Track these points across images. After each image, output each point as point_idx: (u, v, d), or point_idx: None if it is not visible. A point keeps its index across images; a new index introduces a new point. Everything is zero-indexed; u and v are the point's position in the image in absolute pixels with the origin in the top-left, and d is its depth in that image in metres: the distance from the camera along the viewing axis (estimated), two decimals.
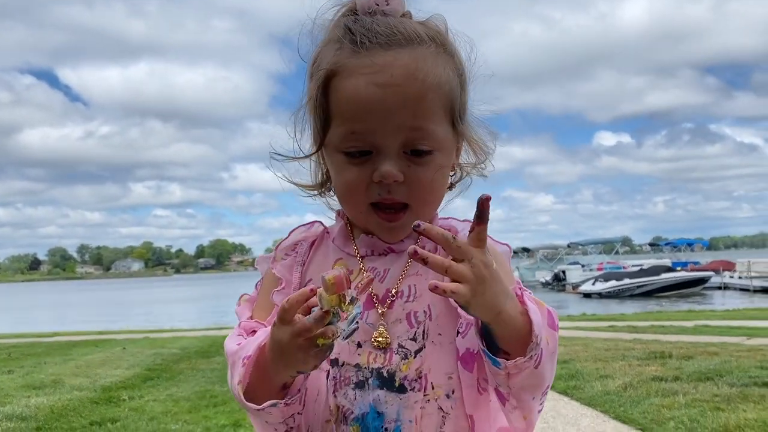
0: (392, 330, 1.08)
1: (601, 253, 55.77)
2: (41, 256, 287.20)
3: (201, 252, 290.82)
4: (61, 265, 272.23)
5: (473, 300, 0.90)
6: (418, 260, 0.90)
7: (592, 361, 8.17)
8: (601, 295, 37.13)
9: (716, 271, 41.83)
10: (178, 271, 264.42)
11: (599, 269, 45.08)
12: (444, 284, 0.89)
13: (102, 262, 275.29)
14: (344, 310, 0.92)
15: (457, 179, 1.20)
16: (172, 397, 7.02)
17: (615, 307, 29.01)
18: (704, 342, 9.89)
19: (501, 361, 0.98)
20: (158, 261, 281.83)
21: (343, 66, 1.04)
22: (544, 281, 48.23)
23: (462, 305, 0.92)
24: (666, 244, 64.43)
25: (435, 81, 1.04)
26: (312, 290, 0.93)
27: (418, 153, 1.05)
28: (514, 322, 0.96)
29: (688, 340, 10.23)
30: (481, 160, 1.19)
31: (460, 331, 1.06)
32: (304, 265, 1.18)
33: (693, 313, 20.18)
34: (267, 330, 1.01)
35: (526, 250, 61.86)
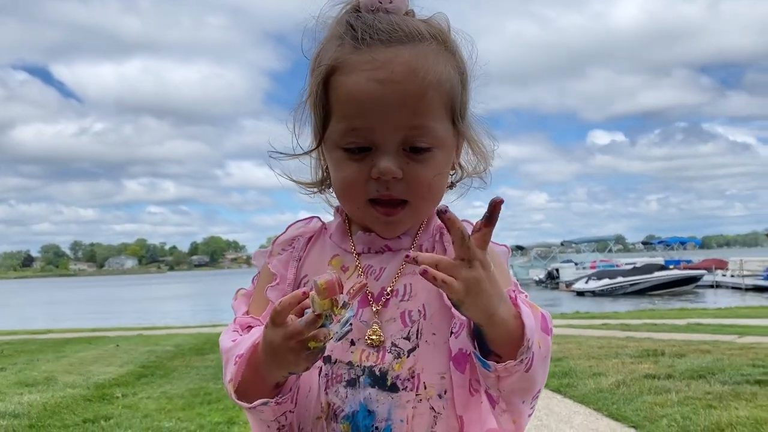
0: (386, 328, 1.07)
1: (594, 251, 55.95)
2: (34, 253, 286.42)
3: (195, 249, 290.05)
4: (54, 262, 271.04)
5: (466, 299, 0.90)
6: (410, 261, 0.90)
7: (586, 359, 8.19)
8: (594, 294, 37.21)
9: (709, 270, 41.98)
10: (171, 269, 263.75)
11: (592, 267, 45.23)
12: (435, 271, 0.88)
13: (95, 259, 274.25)
14: (336, 314, 0.92)
15: (457, 178, 1.20)
16: (165, 394, 7.00)
17: (608, 305, 29.07)
18: (697, 340, 9.92)
19: (491, 363, 0.97)
20: (152, 258, 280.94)
21: (343, 62, 1.03)
22: (537, 279, 48.33)
23: (455, 303, 0.92)
24: (659, 243, 64.66)
25: (435, 78, 1.03)
26: (304, 293, 0.92)
27: (418, 150, 1.04)
28: (506, 325, 0.96)
29: (681, 338, 10.27)
30: (480, 161, 1.18)
31: (454, 331, 1.06)
32: (300, 260, 1.17)
33: (686, 311, 20.27)
34: (261, 329, 1.01)
35: (520, 248, 61.99)
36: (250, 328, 1.12)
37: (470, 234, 0.91)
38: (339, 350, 1.07)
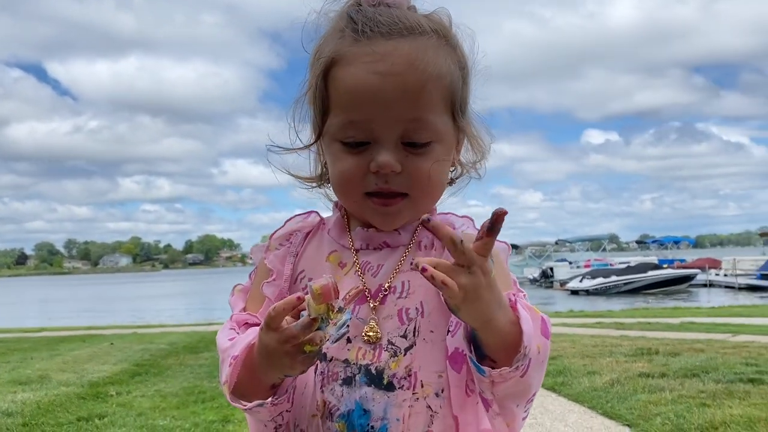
0: (383, 326, 1.06)
1: (588, 250, 56.08)
2: (28, 251, 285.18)
3: (189, 247, 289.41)
4: (48, 260, 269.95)
5: (463, 305, 0.89)
6: (430, 279, 0.87)
7: (580, 357, 8.20)
8: (588, 292, 37.30)
9: (702, 269, 42.17)
10: (166, 267, 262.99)
11: (587, 266, 45.33)
12: (434, 270, 0.86)
13: (90, 257, 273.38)
14: (332, 318, 0.91)
15: (457, 175, 1.18)
16: (160, 392, 6.98)
17: (602, 304, 29.11)
18: (690, 339, 9.96)
19: (486, 369, 0.96)
20: (146, 256, 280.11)
21: (343, 54, 1.03)
22: (532, 278, 48.43)
23: (451, 308, 0.91)
24: (653, 242, 64.78)
25: (435, 72, 1.02)
26: (299, 298, 0.91)
27: (417, 144, 1.03)
28: (502, 332, 0.94)
29: (675, 337, 10.30)
30: (478, 158, 1.17)
31: (450, 329, 1.05)
32: (297, 256, 1.16)
33: (679, 310, 20.35)
34: (256, 329, 1.00)
35: (514, 247, 62.00)
36: (247, 324, 1.12)
37: (473, 241, 0.89)
38: (335, 348, 1.06)
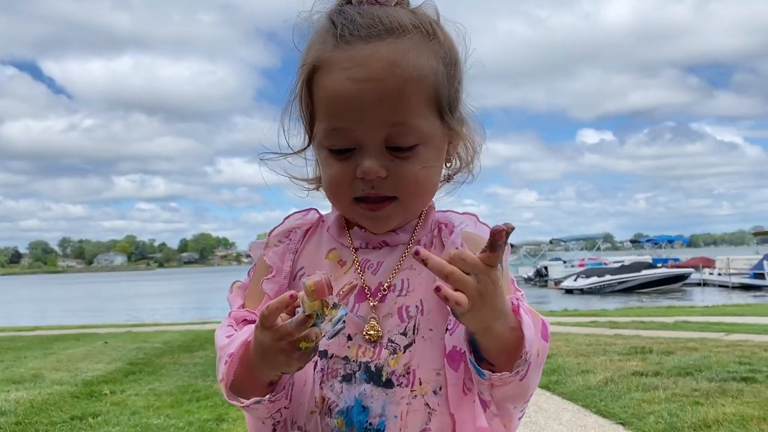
0: (383, 324, 1.06)
1: (582, 249, 56.16)
2: (22, 250, 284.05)
3: (184, 246, 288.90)
4: (42, 259, 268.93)
5: (469, 312, 0.89)
6: (419, 260, 0.88)
7: (574, 356, 8.23)
8: (582, 291, 37.40)
9: (696, 268, 42.28)
10: (161, 265, 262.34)
11: (581, 265, 45.39)
12: (449, 291, 0.85)
13: (84, 256, 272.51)
14: (327, 314, 0.91)
15: (454, 171, 1.17)
16: (154, 391, 6.97)
17: (596, 302, 29.18)
18: (684, 338, 10.00)
19: (486, 372, 0.97)
20: (141, 255, 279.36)
21: (324, 61, 1.02)
22: (526, 277, 48.51)
23: (455, 313, 0.91)
24: (647, 241, 64.91)
25: (416, 74, 1.00)
26: (292, 296, 0.91)
27: (401, 148, 1.02)
28: (502, 337, 0.95)
29: (669, 336, 10.34)
30: (470, 156, 1.16)
31: (449, 328, 1.05)
32: (296, 252, 1.16)
33: (673, 309, 20.42)
34: (253, 327, 1.00)
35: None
36: (245, 321, 1.12)
37: (479, 252, 0.88)
38: (335, 345, 1.06)
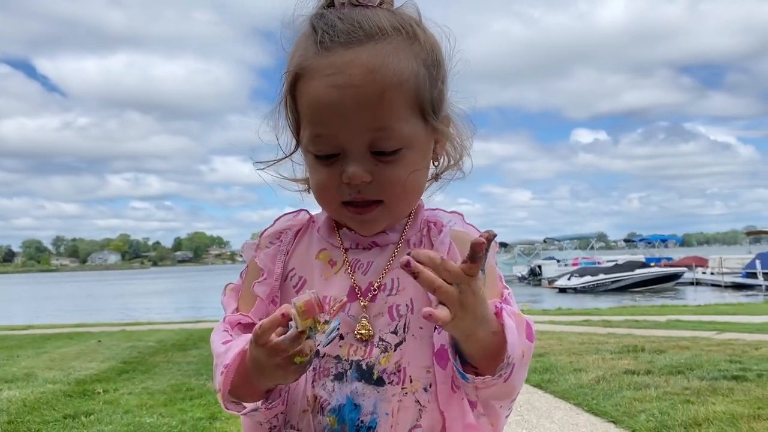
0: (374, 323, 1.07)
1: (576, 248, 56.25)
2: (15, 248, 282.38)
3: (178, 245, 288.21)
4: (35, 258, 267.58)
5: (451, 323, 0.90)
6: (409, 272, 0.88)
7: (567, 354, 8.26)
8: (576, 290, 37.48)
9: (689, 267, 42.36)
10: (155, 264, 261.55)
11: (575, 264, 45.47)
12: (437, 313, 0.87)
13: (78, 255, 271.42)
14: (320, 329, 0.92)
15: (442, 169, 1.17)
16: (147, 390, 6.96)
17: (590, 301, 29.28)
18: (676, 336, 10.03)
19: (470, 376, 0.98)
20: (135, 253, 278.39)
21: (305, 68, 1.02)
22: (520, 276, 48.60)
23: (439, 326, 0.93)
24: (640, 240, 65.00)
25: (396, 78, 1.00)
26: (283, 315, 0.91)
27: (385, 152, 1.02)
28: (484, 343, 0.96)
29: (661, 335, 10.38)
30: (457, 157, 1.16)
31: (437, 326, 1.06)
32: (287, 254, 1.16)
33: (666, 308, 20.49)
34: (248, 336, 1.00)
35: (503, 245, 62.19)
36: (240, 325, 1.13)
37: (461, 262, 0.90)
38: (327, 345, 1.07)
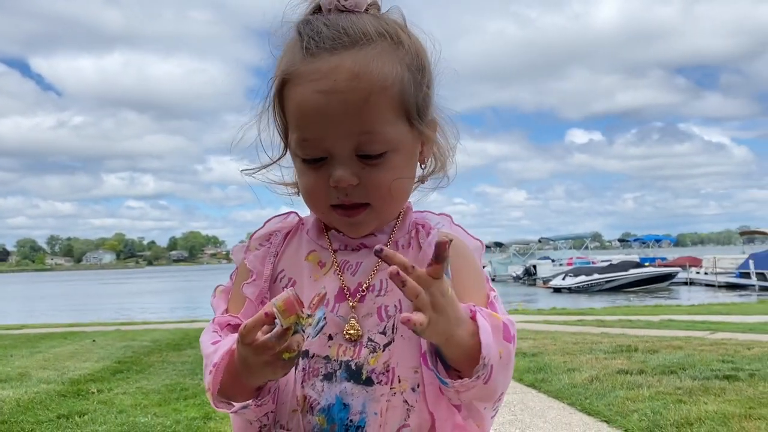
0: (363, 323, 1.08)
1: (571, 248, 56.39)
2: (10, 248, 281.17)
3: (174, 244, 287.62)
4: (30, 257, 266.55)
5: (428, 328, 0.92)
6: (397, 282, 0.90)
7: (560, 354, 8.28)
8: (570, 290, 37.58)
9: (683, 267, 42.52)
10: (150, 264, 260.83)
11: (569, 264, 45.55)
12: (414, 317, 0.90)
13: (73, 254, 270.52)
14: (304, 323, 0.94)
15: (429, 172, 1.19)
16: (141, 389, 6.95)
17: (584, 301, 29.37)
18: (670, 336, 10.07)
19: (449, 381, 1.00)
20: (130, 253, 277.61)
21: (291, 73, 1.04)
22: (515, 275, 48.66)
23: (418, 333, 0.93)
24: (635, 240, 65.21)
25: (380, 83, 1.02)
26: (267, 314, 0.92)
27: (371, 156, 1.04)
28: (463, 345, 0.98)
29: (654, 335, 10.41)
30: (441, 161, 1.18)
31: (415, 332, 1.06)
32: (276, 255, 1.18)
33: (660, 308, 20.57)
34: (235, 336, 1.01)
35: (498, 245, 62.35)
36: (229, 326, 1.13)
37: (426, 266, 0.93)
38: (317, 345, 1.08)
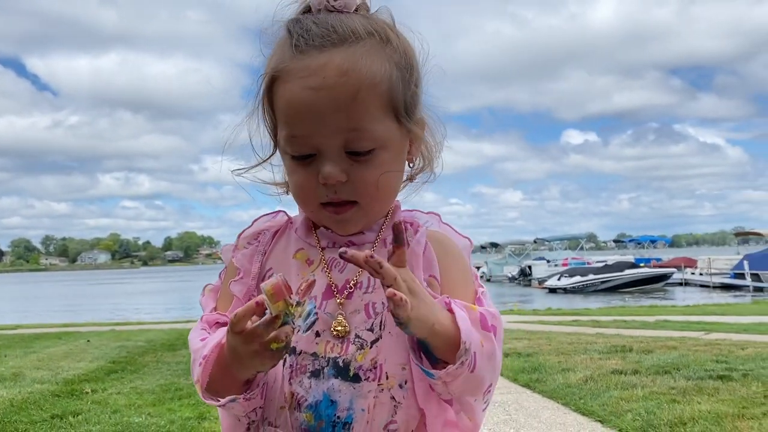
0: (350, 320, 1.09)
1: (566, 249, 56.41)
2: (4, 248, 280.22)
3: (169, 244, 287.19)
4: (24, 257, 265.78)
5: (413, 313, 0.93)
6: (374, 265, 0.93)
7: (555, 354, 8.30)
8: (566, 290, 37.64)
9: (678, 268, 42.65)
10: (145, 264, 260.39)
11: (564, 265, 45.59)
12: (399, 292, 0.91)
13: (67, 254, 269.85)
14: (293, 312, 0.94)
15: (416, 171, 1.19)
16: (136, 390, 6.94)
17: (580, 302, 29.42)
18: (664, 336, 10.10)
19: (434, 372, 1.00)
20: (125, 253, 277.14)
21: (281, 71, 1.05)
22: (510, 276, 48.71)
23: (403, 321, 0.94)
24: (630, 241, 65.35)
25: (369, 80, 1.03)
26: (258, 303, 0.93)
27: (360, 152, 1.05)
28: (446, 334, 0.99)
29: (649, 335, 10.45)
30: (428, 160, 1.19)
31: (400, 321, 1.07)
32: (264, 254, 1.18)
33: (655, 308, 20.63)
34: (224, 330, 1.02)
35: (494, 245, 62.49)
36: (218, 324, 1.14)
37: (389, 257, 0.97)
38: (304, 342, 1.08)
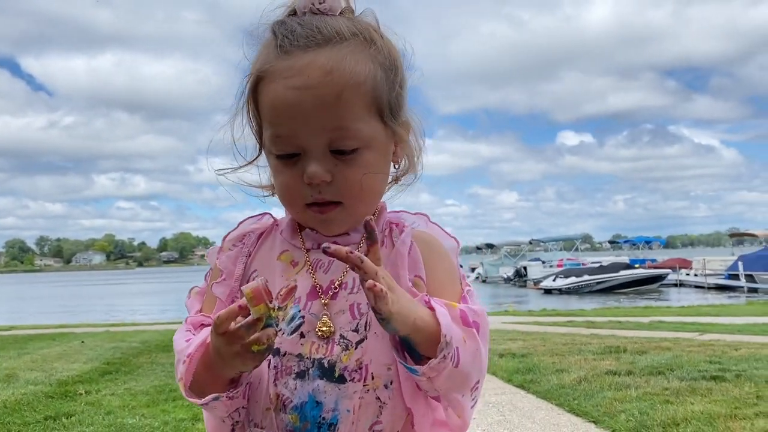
0: (335, 321, 1.09)
1: (561, 249, 56.45)
2: None
3: (164, 245, 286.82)
4: (19, 258, 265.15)
5: (393, 307, 0.94)
6: (354, 260, 0.93)
7: (549, 355, 8.30)
8: (561, 291, 37.66)
9: (673, 269, 42.66)
10: (140, 265, 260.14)
11: (560, 266, 45.64)
12: (378, 284, 0.92)
13: (62, 255, 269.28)
14: (275, 315, 0.94)
15: (402, 172, 1.20)
16: (130, 391, 6.92)
17: (575, 302, 29.42)
18: (659, 337, 10.12)
19: (417, 368, 1.00)
20: (120, 254, 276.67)
21: (266, 71, 1.05)
22: (506, 277, 48.73)
23: (385, 317, 0.94)
24: (625, 242, 65.38)
25: (353, 79, 1.03)
26: (240, 306, 0.93)
27: (344, 151, 1.05)
28: (428, 327, 0.99)
29: (644, 336, 10.47)
30: (409, 162, 1.19)
31: (381, 315, 1.07)
32: (249, 256, 1.18)
33: (650, 309, 20.66)
34: (209, 330, 1.02)
35: (490, 246, 62.53)
36: (202, 326, 1.14)
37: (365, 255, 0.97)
38: (289, 343, 1.08)
